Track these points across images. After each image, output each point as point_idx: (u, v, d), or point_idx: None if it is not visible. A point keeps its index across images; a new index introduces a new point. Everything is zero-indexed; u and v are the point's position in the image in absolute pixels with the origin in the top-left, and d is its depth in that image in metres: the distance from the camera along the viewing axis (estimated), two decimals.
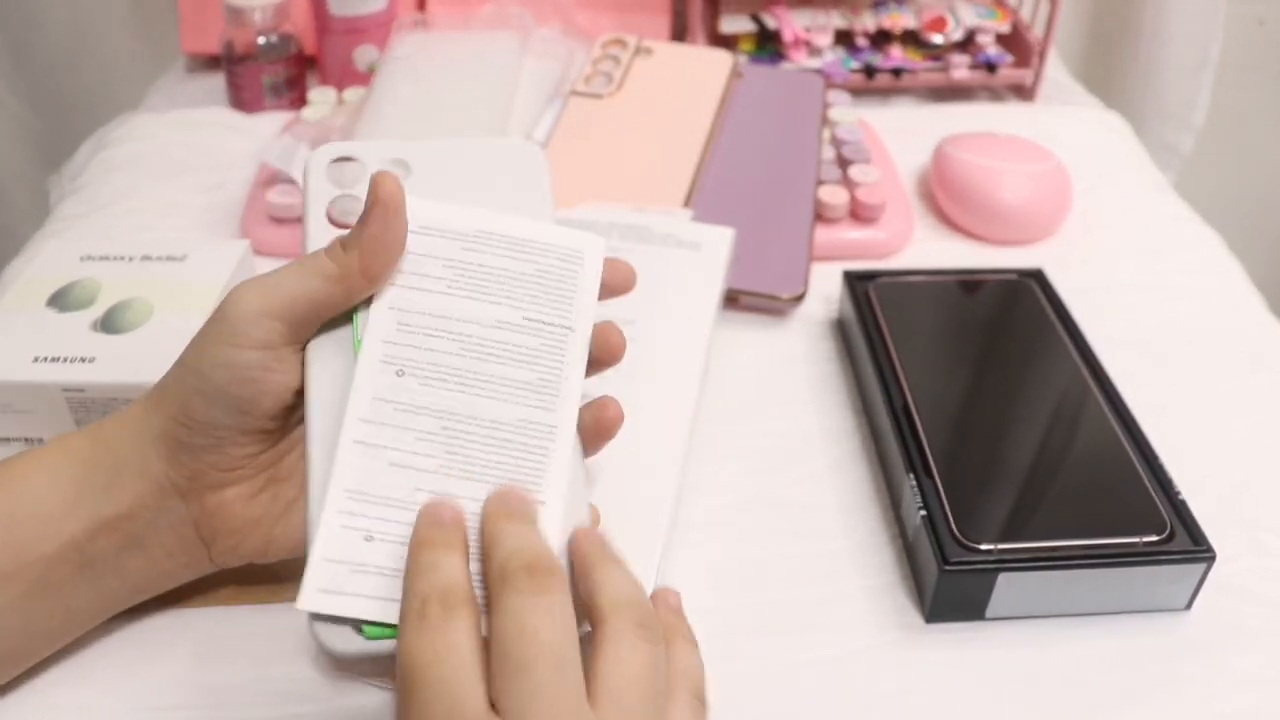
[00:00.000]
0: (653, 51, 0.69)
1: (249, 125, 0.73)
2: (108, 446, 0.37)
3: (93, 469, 0.36)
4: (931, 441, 0.46)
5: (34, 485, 0.36)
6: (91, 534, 0.36)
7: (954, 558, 0.41)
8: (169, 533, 0.37)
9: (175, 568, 0.38)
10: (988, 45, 0.83)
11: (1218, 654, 0.41)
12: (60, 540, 0.36)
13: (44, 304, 0.48)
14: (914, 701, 0.39)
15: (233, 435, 0.36)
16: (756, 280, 0.57)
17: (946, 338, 0.53)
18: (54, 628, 0.38)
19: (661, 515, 0.42)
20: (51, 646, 0.38)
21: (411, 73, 0.67)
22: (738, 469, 0.49)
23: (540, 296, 0.35)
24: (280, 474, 0.38)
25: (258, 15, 0.73)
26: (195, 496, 0.37)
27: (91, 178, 0.69)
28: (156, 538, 0.37)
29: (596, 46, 0.69)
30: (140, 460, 0.36)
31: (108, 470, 0.36)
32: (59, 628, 0.38)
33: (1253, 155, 1.20)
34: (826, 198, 0.62)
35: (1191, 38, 1.05)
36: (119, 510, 0.36)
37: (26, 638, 0.37)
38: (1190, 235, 0.67)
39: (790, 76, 0.72)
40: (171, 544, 0.38)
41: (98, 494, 0.36)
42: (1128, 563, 0.41)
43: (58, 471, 0.36)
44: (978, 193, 0.64)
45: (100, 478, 0.36)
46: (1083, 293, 0.58)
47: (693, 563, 0.44)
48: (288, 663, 0.40)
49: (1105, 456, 0.45)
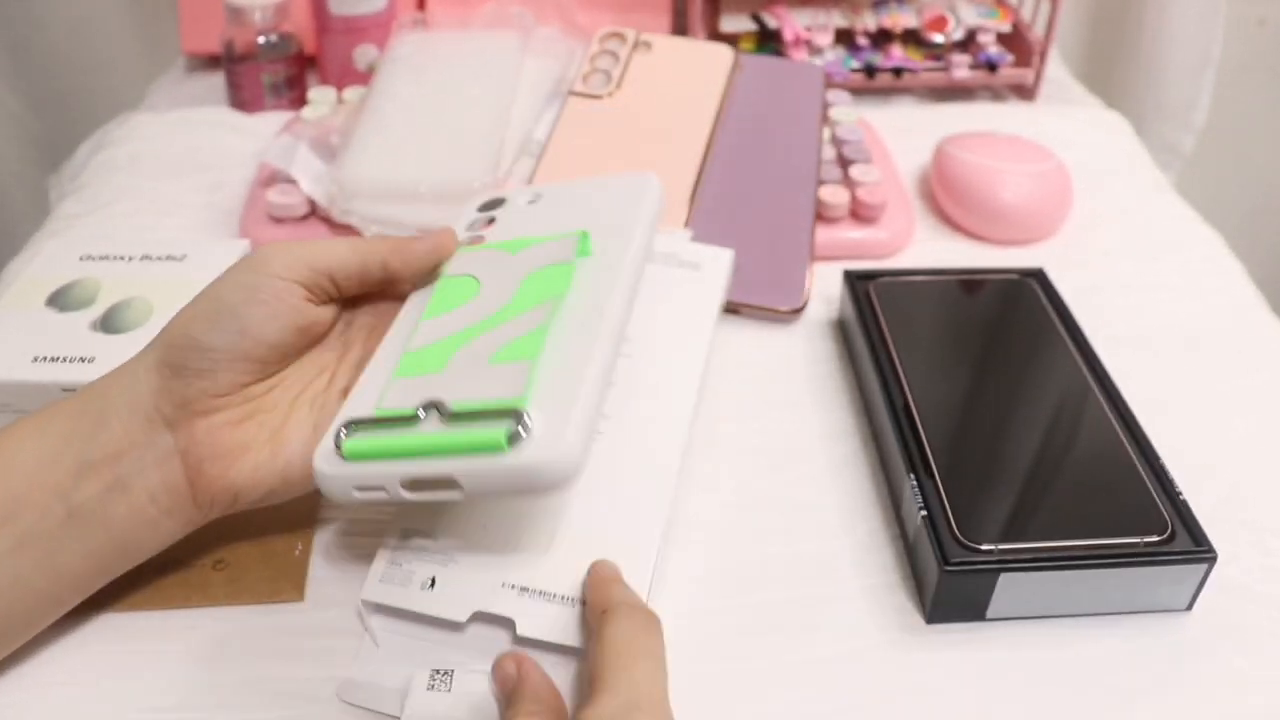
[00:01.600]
0: (652, 46, 0.69)
1: (249, 125, 0.73)
2: (96, 391, 0.38)
3: (79, 417, 0.38)
4: (932, 441, 0.46)
5: (22, 440, 0.37)
6: (76, 479, 0.37)
7: (955, 558, 0.41)
8: (154, 471, 0.38)
9: (160, 516, 0.38)
10: (988, 45, 0.82)
11: (1219, 655, 0.41)
12: (45, 489, 0.36)
13: (43, 303, 0.48)
14: (914, 702, 0.39)
15: (228, 360, 0.38)
16: (757, 293, 0.57)
17: (947, 338, 0.53)
18: (42, 589, 0.37)
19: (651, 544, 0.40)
20: (42, 616, 0.38)
21: (411, 72, 0.67)
22: (738, 469, 0.48)
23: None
24: (265, 406, 0.40)
25: (258, 15, 0.73)
26: (184, 424, 0.38)
27: (91, 177, 0.69)
28: (142, 480, 0.37)
29: (594, 41, 0.69)
30: (129, 397, 0.38)
31: (95, 416, 0.38)
32: (47, 589, 0.37)
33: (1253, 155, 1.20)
34: (827, 198, 0.62)
35: (1192, 38, 1.05)
36: (105, 452, 0.37)
37: (16, 599, 0.37)
38: (1191, 235, 0.67)
39: (789, 67, 0.72)
40: (156, 485, 0.38)
41: (84, 439, 0.37)
42: (1129, 563, 0.41)
43: (45, 425, 0.38)
44: (978, 192, 0.64)
45: (87, 424, 0.37)
46: (1083, 292, 0.58)
47: (693, 563, 0.44)
48: (288, 663, 0.40)
49: (1106, 456, 0.45)
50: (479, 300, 0.39)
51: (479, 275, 0.40)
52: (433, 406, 0.34)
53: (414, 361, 0.37)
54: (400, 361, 0.37)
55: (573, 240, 0.39)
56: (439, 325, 0.38)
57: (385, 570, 0.38)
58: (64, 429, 0.37)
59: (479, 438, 0.32)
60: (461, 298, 0.39)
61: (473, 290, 0.39)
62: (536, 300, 0.37)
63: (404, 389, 0.36)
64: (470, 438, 0.32)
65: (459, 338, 0.37)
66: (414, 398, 0.35)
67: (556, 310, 0.36)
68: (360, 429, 0.35)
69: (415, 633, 0.38)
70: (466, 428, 0.33)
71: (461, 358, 0.36)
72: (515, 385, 0.34)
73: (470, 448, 0.32)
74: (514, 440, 0.32)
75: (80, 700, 0.38)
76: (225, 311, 0.38)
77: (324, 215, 0.61)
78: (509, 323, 0.37)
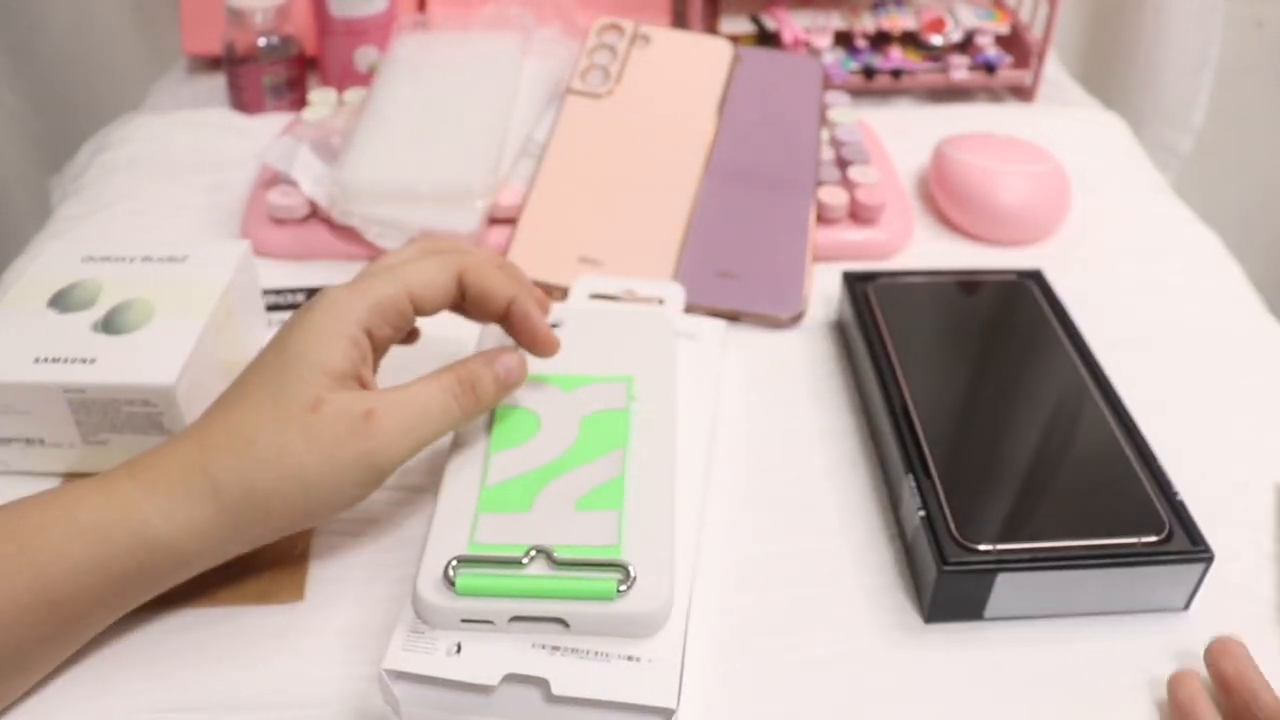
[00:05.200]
0: (650, 40, 0.68)
1: (250, 126, 0.73)
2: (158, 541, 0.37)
3: (135, 553, 0.36)
4: (930, 442, 0.46)
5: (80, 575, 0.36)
6: (145, 596, 0.38)
7: (953, 558, 0.41)
8: (219, 558, 0.39)
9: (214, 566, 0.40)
10: (987, 46, 0.83)
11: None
12: (112, 611, 0.37)
13: (45, 304, 0.48)
14: (913, 702, 0.40)
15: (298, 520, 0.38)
16: (755, 301, 0.57)
17: (945, 338, 0.53)
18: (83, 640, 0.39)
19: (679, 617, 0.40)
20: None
21: (412, 74, 0.67)
22: (738, 469, 0.49)
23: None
24: None
25: (259, 17, 0.73)
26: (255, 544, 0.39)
27: (93, 179, 0.69)
28: (203, 564, 0.39)
29: (592, 34, 0.68)
30: (197, 545, 0.37)
31: (162, 563, 0.37)
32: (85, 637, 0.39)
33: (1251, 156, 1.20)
34: (826, 199, 0.63)
35: (1190, 39, 1.05)
36: (174, 578, 0.38)
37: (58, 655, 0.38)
38: (1189, 236, 0.67)
39: (788, 60, 0.72)
40: (216, 560, 0.39)
41: (148, 577, 0.37)
42: (1126, 563, 0.41)
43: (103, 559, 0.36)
44: (977, 194, 0.65)
45: (148, 559, 0.37)
46: (1081, 293, 0.58)
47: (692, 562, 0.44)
48: (288, 663, 0.40)
49: (1104, 457, 0.46)
50: (543, 438, 0.43)
51: (537, 411, 0.44)
52: (540, 552, 0.37)
53: (496, 498, 0.40)
54: (481, 496, 0.40)
55: (622, 387, 0.45)
56: (510, 462, 0.42)
57: (407, 639, 0.37)
58: (132, 571, 0.36)
59: (590, 586, 0.36)
60: (524, 433, 0.43)
61: (534, 426, 0.43)
62: (604, 447, 0.42)
63: (495, 526, 0.39)
64: (581, 585, 0.36)
65: (537, 478, 0.41)
66: (510, 536, 0.38)
67: (627, 460, 0.41)
68: (468, 565, 0.37)
69: (442, 701, 0.37)
70: (575, 574, 0.37)
71: (546, 500, 0.40)
72: (608, 534, 0.39)
73: (581, 594, 0.36)
74: (621, 590, 0.36)
75: (80, 700, 0.38)
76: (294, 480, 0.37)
77: (325, 217, 0.61)
78: (583, 468, 0.41)
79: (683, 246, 0.59)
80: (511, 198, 0.62)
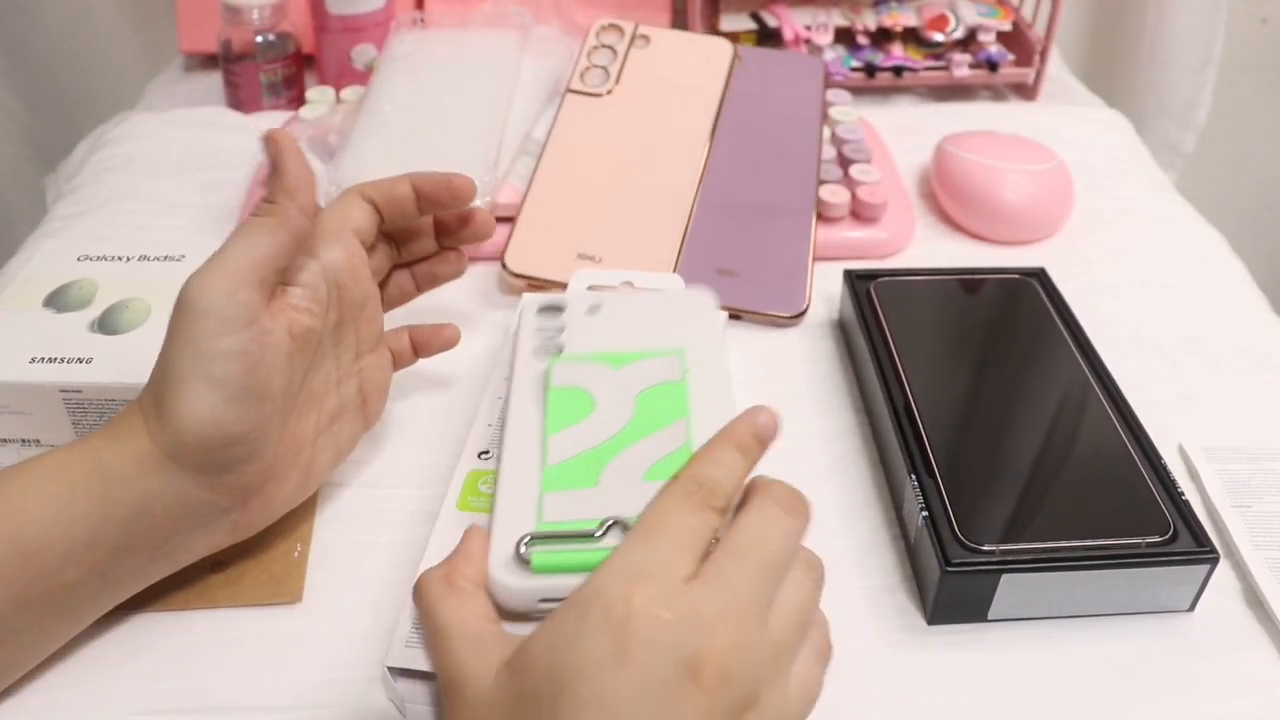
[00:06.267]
0: (650, 39, 0.68)
1: (247, 124, 0.73)
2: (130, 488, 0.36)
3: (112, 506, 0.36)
4: (933, 442, 0.45)
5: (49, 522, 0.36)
6: (115, 557, 0.37)
7: (956, 559, 0.40)
8: (201, 540, 0.39)
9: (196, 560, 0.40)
10: (989, 44, 0.82)
11: (1221, 656, 0.41)
12: (82, 567, 0.36)
13: (41, 304, 0.47)
14: (916, 703, 0.39)
15: (263, 430, 0.37)
16: (757, 299, 0.57)
17: (948, 337, 0.52)
18: (69, 633, 0.39)
19: None
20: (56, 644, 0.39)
21: (410, 72, 0.67)
22: None
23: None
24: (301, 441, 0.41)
25: (255, 14, 0.72)
26: (239, 505, 0.39)
27: (88, 177, 0.69)
28: (186, 549, 0.39)
29: (591, 34, 0.68)
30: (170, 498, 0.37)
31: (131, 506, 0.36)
32: (68, 632, 0.39)
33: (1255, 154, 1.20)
34: (828, 197, 0.62)
35: (1193, 36, 1.04)
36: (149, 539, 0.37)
37: (43, 646, 0.38)
38: (1192, 234, 0.67)
39: (788, 59, 0.72)
40: (201, 547, 0.39)
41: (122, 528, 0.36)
42: (1131, 564, 0.41)
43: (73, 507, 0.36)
44: (979, 192, 0.64)
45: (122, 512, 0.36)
46: (1084, 292, 0.58)
47: None
48: (288, 664, 0.39)
49: (1108, 457, 0.45)
50: (600, 415, 0.41)
51: (590, 389, 0.42)
52: (617, 523, 0.36)
53: (560, 476, 0.39)
54: (545, 475, 0.39)
55: (676, 360, 0.43)
56: (569, 440, 0.40)
57: (410, 634, 0.37)
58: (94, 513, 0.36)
59: None
60: (579, 412, 0.41)
61: (588, 404, 0.42)
62: (665, 419, 0.41)
63: (562, 503, 0.38)
64: None
65: (599, 454, 0.39)
66: (580, 512, 0.37)
67: (690, 430, 0.40)
68: (540, 543, 0.36)
69: None
70: None
71: (612, 474, 0.39)
72: None
73: None
74: None
75: (79, 701, 0.38)
76: (234, 391, 0.36)
77: None
78: (647, 440, 0.40)
79: (683, 244, 0.59)
80: (510, 196, 0.62)
